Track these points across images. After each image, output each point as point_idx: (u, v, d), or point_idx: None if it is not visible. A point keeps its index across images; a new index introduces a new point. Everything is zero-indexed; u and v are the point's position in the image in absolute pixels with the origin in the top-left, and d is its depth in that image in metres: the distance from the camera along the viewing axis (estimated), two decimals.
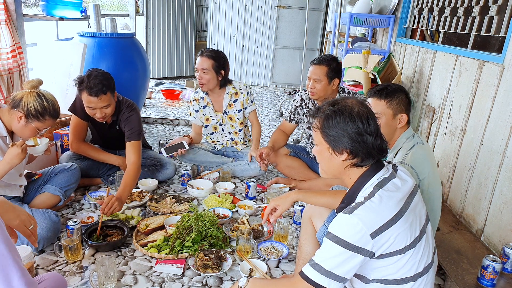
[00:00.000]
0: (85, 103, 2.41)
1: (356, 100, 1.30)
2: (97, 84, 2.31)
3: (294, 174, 2.92)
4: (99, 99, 2.35)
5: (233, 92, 3.04)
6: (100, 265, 1.73)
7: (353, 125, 1.24)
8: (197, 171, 3.05)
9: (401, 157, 1.77)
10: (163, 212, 2.42)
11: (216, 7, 6.96)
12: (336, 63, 2.64)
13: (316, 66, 2.62)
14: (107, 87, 2.36)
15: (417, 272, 1.25)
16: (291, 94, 6.77)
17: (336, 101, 1.31)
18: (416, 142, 1.80)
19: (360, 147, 1.25)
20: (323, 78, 2.60)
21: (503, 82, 2.26)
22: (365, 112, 1.26)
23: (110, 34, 3.81)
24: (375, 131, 1.26)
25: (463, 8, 2.92)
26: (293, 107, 2.95)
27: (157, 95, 5.95)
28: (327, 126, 1.27)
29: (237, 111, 3.07)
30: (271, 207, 1.75)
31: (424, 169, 1.73)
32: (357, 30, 5.49)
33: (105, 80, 2.36)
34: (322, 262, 1.17)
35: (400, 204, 1.21)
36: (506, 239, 2.09)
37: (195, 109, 3.12)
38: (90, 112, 2.45)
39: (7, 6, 2.98)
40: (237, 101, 3.05)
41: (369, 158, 1.27)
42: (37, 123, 2.03)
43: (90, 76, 2.33)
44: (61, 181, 2.41)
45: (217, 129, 3.17)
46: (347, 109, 1.26)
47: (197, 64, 2.88)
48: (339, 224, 1.17)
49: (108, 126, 2.67)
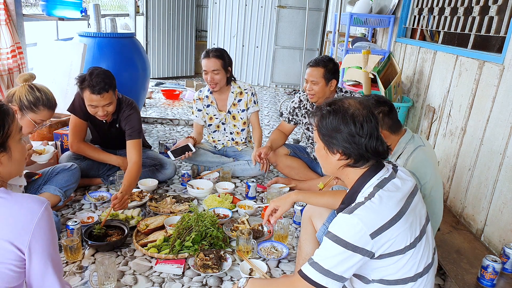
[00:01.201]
0: (87, 101, 2.40)
1: (355, 101, 1.29)
2: (100, 82, 2.31)
3: (294, 174, 2.92)
4: (101, 97, 2.35)
5: (238, 91, 3.06)
6: (100, 265, 1.73)
7: (345, 126, 1.24)
8: (197, 171, 3.05)
9: (402, 163, 1.77)
10: (163, 212, 2.42)
11: (216, 7, 6.96)
12: (333, 64, 2.62)
13: (312, 68, 2.60)
14: (109, 85, 2.36)
15: (417, 272, 1.25)
16: (291, 94, 6.77)
17: (334, 101, 1.31)
18: (418, 145, 1.79)
19: (352, 148, 1.25)
20: (320, 80, 2.59)
21: (503, 82, 2.26)
22: (361, 114, 1.25)
23: (110, 34, 3.81)
24: (368, 133, 1.24)
25: (463, 8, 2.92)
26: (291, 108, 2.95)
27: (157, 95, 5.95)
28: (321, 125, 1.29)
29: (241, 110, 3.08)
30: (271, 208, 1.75)
31: (425, 173, 1.73)
32: (357, 30, 5.49)
33: (107, 78, 2.36)
34: (321, 261, 1.18)
35: (400, 204, 1.21)
36: (506, 239, 2.09)
37: (198, 108, 3.12)
38: (92, 111, 2.44)
39: (7, 6, 2.98)
40: (242, 100, 3.07)
41: (363, 160, 1.27)
42: (32, 114, 2.03)
43: (92, 74, 2.32)
44: (61, 181, 2.41)
45: (219, 127, 3.17)
46: (342, 110, 1.26)
47: (206, 66, 2.86)
48: (339, 223, 1.18)
49: (108, 125, 2.67)
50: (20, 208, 1.06)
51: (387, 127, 1.81)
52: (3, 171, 1.15)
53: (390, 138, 1.84)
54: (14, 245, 1.04)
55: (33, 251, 1.06)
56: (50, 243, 1.10)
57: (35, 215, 1.06)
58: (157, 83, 6.66)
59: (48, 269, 1.10)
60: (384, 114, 1.79)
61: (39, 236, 1.06)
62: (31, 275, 1.09)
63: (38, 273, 1.09)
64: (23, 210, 1.06)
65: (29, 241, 1.05)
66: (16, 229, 1.04)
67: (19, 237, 1.04)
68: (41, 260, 1.08)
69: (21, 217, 1.05)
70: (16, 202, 1.07)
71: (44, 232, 1.08)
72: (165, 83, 6.77)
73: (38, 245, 1.06)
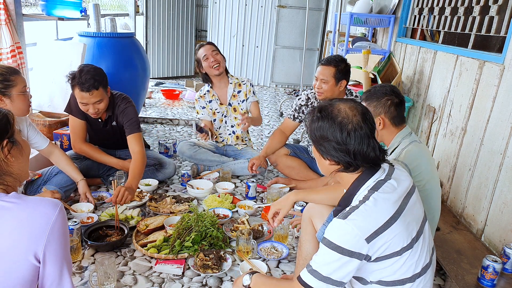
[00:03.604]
0: (78, 99, 2.40)
1: (347, 106, 1.25)
2: (89, 79, 2.30)
3: (294, 174, 2.92)
4: (91, 94, 2.33)
5: (236, 82, 3.17)
6: (100, 265, 1.72)
7: (332, 135, 1.22)
8: (197, 171, 3.05)
9: (395, 155, 1.78)
10: (163, 212, 2.42)
11: (216, 7, 6.96)
12: (345, 64, 2.63)
13: (324, 66, 2.61)
14: (99, 82, 2.34)
15: (415, 273, 1.25)
16: (291, 94, 6.77)
17: (325, 107, 1.28)
18: (413, 140, 1.81)
19: (340, 157, 1.24)
20: (330, 79, 2.60)
21: (503, 82, 2.26)
22: (350, 122, 1.21)
23: (110, 34, 3.80)
24: (356, 142, 1.21)
25: (463, 8, 2.92)
26: (297, 105, 2.94)
27: (157, 95, 5.94)
28: (311, 130, 1.29)
29: (241, 101, 3.18)
30: (273, 211, 1.76)
31: (418, 166, 1.74)
32: (357, 30, 5.49)
33: (97, 75, 2.34)
34: (319, 268, 1.18)
35: (396, 206, 1.21)
36: (506, 239, 2.09)
37: (202, 105, 3.17)
38: (83, 108, 2.43)
39: (7, 6, 2.97)
40: (241, 92, 3.17)
41: (353, 167, 1.25)
42: (14, 89, 2.01)
43: (82, 72, 2.31)
44: (61, 181, 2.41)
45: (222, 121, 3.22)
46: (331, 117, 1.23)
47: (205, 51, 3.00)
48: (334, 229, 1.18)
49: (103, 123, 2.65)
50: (34, 213, 1.03)
51: (391, 116, 1.83)
52: (17, 167, 1.12)
53: (390, 129, 1.86)
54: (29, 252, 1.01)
55: (48, 256, 1.04)
56: (64, 246, 1.08)
57: (50, 220, 1.04)
58: (157, 83, 6.66)
59: (63, 270, 1.08)
60: (392, 103, 1.82)
61: (54, 241, 1.04)
62: (46, 280, 1.06)
63: (53, 277, 1.06)
64: (37, 215, 1.03)
65: (44, 246, 1.02)
66: (31, 235, 1.01)
67: (34, 243, 1.02)
68: (57, 264, 1.06)
69: (36, 223, 1.02)
70: (28, 207, 1.04)
71: (59, 235, 1.05)
72: (165, 83, 6.76)
73: (53, 249, 1.04)
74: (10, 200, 1.04)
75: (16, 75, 2.04)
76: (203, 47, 3.02)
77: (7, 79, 2.00)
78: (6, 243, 1.00)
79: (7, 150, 1.08)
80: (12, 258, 1.01)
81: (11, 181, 1.11)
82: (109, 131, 2.70)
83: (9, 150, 1.09)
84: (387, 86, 1.90)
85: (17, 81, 2.03)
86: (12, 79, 2.01)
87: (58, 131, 2.96)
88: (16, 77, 2.03)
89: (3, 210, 1.02)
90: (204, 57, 2.99)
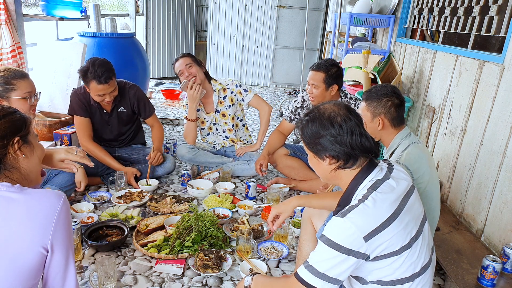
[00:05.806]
0: (94, 92, 2.56)
1: (331, 105, 1.33)
2: (104, 72, 2.48)
3: (294, 174, 2.92)
4: (109, 85, 2.53)
5: (220, 88, 3.07)
6: (100, 265, 1.72)
7: (324, 130, 1.27)
8: (197, 171, 3.05)
9: (396, 157, 1.78)
10: (163, 212, 2.42)
11: (216, 7, 6.96)
12: (336, 68, 2.58)
13: (314, 72, 2.58)
14: (112, 72, 2.56)
15: (415, 272, 1.25)
16: (291, 94, 6.77)
17: (311, 110, 1.35)
18: (413, 141, 1.81)
19: (337, 149, 1.26)
20: (320, 84, 2.57)
21: (503, 82, 2.26)
22: (338, 115, 1.27)
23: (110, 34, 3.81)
24: (349, 131, 1.26)
25: (463, 8, 2.92)
26: (294, 107, 2.94)
27: (157, 95, 5.95)
28: (304, 135, 1.33)
29: (228, 107, 3.11)
30: (273, 214, 1.76)
31: (419, 168, 1.74)
32: (357, 30, 5.49)
33: (108, 66, 2.54)
34: (316, 264, 1.19)
35: (395, 206, 1.21)
36: (506, 239, 2.09)
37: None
38: (99, 99, 2.60)
39: (7, 6, 2.98)
40: (226, 97, 3.09)
41: (353, 159, 1.28)
42: (14, 93, 2.01)
43: (94, 66, 2.47)
44: (61, 181, 2.41)
45: (212, 129, 3.19)
46: (318, 115, 1.30)
47: (179, 66, 2.92)
48: (333, 227, 1.18)
49: (108, 114, 2.77)
50: (40, 203, 1.06)
51: (390, 117, 1.84)
52: (26, 165, 1.16)
53: (389, 130, 1.86)
54: (36, 243, 1.04)
55: (55, 244, 1.06)
56: (69, 235, 1.11)
57: (55, 209, 1.07)
58: (157, 83, 6.66)
59: (69, 259, 1.11)
60: (392, 104, 1.83)
61: (60, 230, 1.07)
62: (52, 270, 1.09)
63: (60, 265, 1.09)
64: (43, 205, 1.06)
65: (51, 235, 1.05)
66: (38, 226, 1.04)
67: (42, 234, 1.04)
68: (63, 252, 1.09)
69: (42, 213, 1.05)
70: (34, 198, 1.07)
71: (64, 224, 1.08)
72: (165, 83, 6.76)
73: (60, 238, 1.07)
74: (16, 191, 1.07)
75: (20, 80, 2.04)
76: (178, 62, 2.94)
77: (8, 83, 2.00)
78: (13, 232, 1.02)
79: (17, 147, 1.13)
80: (19, 247, 1.03)
81: (18, 176, 1.14)
82: (113, 122, 2.82)
83: (19, 146, 1.13)
84: (388, 86, 1.90)
85: (19, 85, 2.03)
86: (13, 83, 2.01)
87: (58, 131, 2.96)
88: (19, 82, 2.03)
89: (10, 201, 1.05)
90: (179, 72, 2.93)
